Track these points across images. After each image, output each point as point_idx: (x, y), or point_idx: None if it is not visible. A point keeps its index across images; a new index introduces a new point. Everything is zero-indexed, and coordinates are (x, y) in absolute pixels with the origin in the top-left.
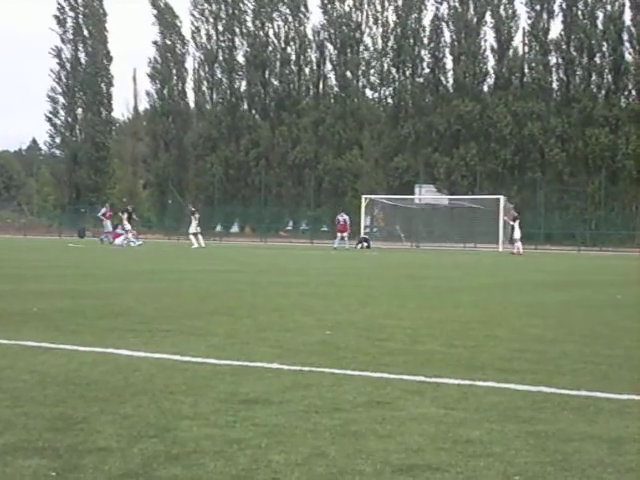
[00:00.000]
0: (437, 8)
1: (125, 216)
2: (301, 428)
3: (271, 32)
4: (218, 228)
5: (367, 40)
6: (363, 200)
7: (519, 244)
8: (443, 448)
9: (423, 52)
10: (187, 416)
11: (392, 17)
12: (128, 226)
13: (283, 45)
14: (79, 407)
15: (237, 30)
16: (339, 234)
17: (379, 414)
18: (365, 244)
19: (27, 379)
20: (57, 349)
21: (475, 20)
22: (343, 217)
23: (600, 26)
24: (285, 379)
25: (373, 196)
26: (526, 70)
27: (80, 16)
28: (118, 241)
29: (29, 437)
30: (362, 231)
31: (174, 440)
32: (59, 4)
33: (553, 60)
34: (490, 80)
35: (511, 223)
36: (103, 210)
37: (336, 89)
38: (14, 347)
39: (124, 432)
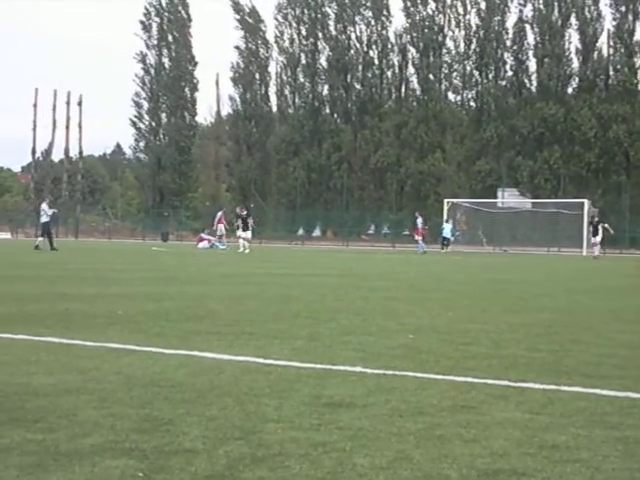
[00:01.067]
0: (521, 10)
1: (239, 222)
2: (385, 432)
3: (353, 36)
4: (300, 232)
5: (449, 43)
6: (445, 204)
7: (598, 247)
8: (529, 453)
9: (506, 55)
10: (272, 419)
11: (475, 20)
12: (249, 235)
13: (365, 49)
14: (165, 409)
15: (320, 34)
16: (418, 237)
17: (464, 418)
18: (446, 243)
19: (113, 380)
20: (142, 351)
21: (559, 22)
22: (418, 220)
23: None
24: (368, 382)
25: (455, 200)
26: (611, 72)
27: (165, 21)
28: (201, 245)
29: (116, 438)
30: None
31: (259, 442)
32: (146, 9)
33: (639, 62)
34: (574, 82)
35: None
36: (219, 215)
37: (418, 92)
38: (100, 349)
39: (210, 434)
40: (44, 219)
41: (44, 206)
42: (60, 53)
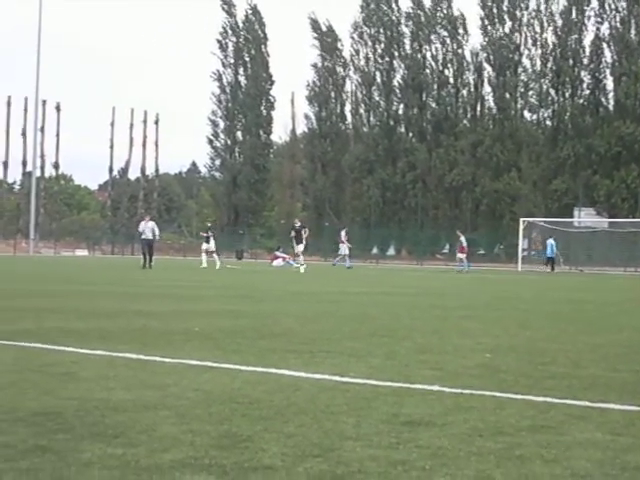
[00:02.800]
0: (598, 28)
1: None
2: (465, 451)
3: (429, 54)
4: (374, 251)
5: (526, 61)
6: (521, 223)
7: None
8: (611, 474)
9: (583, 73)
10: (350, 436)
11: (551, 38)
12: (301, 248)
13: (441, 67)
14: (243, 425)
15: (395, 52)
16: (461, 255)
17: (544, 438)
18: (550, 263)
19: (192, 397)
20: (220, 368)
21: (637, 40)
22: (462, 238)
23: None
24: (446, 401)
25: (531, 219)
26: None
27: (241, 40)
28: (275, 262)
29: (196, 454)
30: (520, 254)
31: (338, 460)
32: (222, 28)
33: None
34: None
35: None
36: (342, 234)
37: (494, 111)
38: (178, 365)
39: (288, 451)
40: (148, 236)
41: (145, 224)
42: (137, 72)
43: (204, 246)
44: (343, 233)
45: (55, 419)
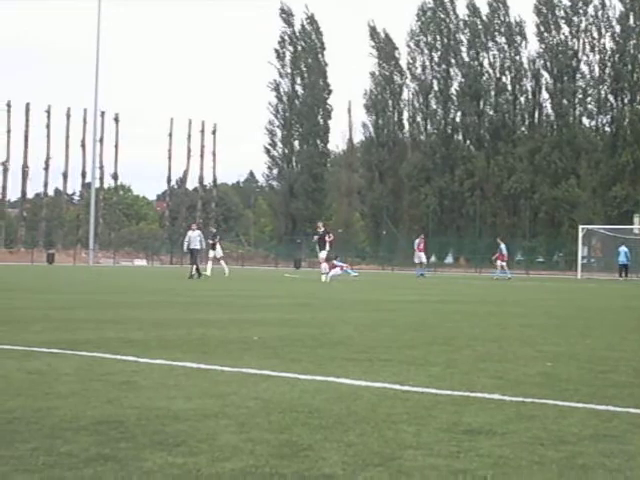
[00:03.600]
0: None
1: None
2: (527, 460)
3: (486, 62)
4: (432, 259)
5: (584, 68)
6: (580, 230)
7: None
8: None
9: None
10: (411, 445)
11: (609, 44)
12: (324, 255)
13: (498, 74)
14: (303, 434)
15: (452, 60)
16: (502, 263)
17: (606, 447)
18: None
19: (251, 406)
20: (279, 377)
21: None
22: (502, 246)
23: None
24: (507, 410)
25: (590, 226)
26: None
27: (299, 49)
28: (334, 272)
29: (256, 462)
30: (579, 262)
31: (399, 469)
32: (280, 38)
33: None
34: None
35: None
36: (417, 242)
37: (552, 118)
38: (237, 374)
39: (349, 460)
40: (195, 246)
41: (192, 233)
42: (195, 83)
43: (211, 254)
44: (417, 241)
45: (117, 428)
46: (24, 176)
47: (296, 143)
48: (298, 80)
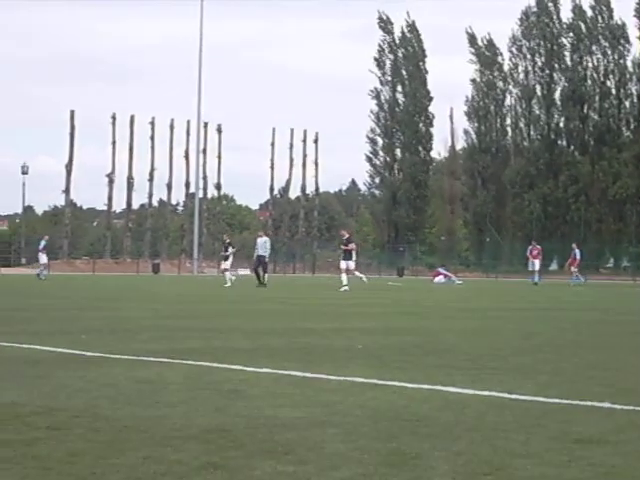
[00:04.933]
0: None
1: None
2: None
3: (590, 66)
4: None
5: None
6: None
7: None
8: None
9: None
10: (520, 454)
11: None
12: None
13: (602, 78)
14: (412, 443)
15: (555, 65)
16: (574, 269)
17: None
18: None
19: (358, 414)
20: (385, 385)
21: None
22: (576, 251)
23: None
24: (619, 419)
25: None
26: None
27: (399, 57)
28: (437, 279)
29: (365, 471)
30: None
31: (509, 478)
32: (379, 46)
33: None
34: None
35: None
36: (530, 248)
37: None
38: (343, 383)
39: (458, 469)
40: (264, 253)
41: (260, 240)
42: (296, 92)
43: (223, 265)
44: (530, 248)
45: (226, 436)
46: (129, 187)
47: (398, 151)
48: (399, 88)
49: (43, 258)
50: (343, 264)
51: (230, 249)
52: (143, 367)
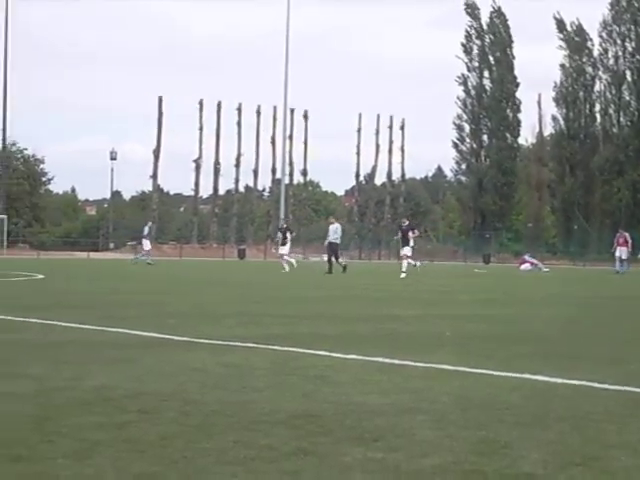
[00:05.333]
0: None
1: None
2: None
3: None
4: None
5: None
6: None
7: None
8: None
9: None
10: (613, 445)
11: None
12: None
13: None
14: (501, 431)
15: None
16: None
17: None
18: None
19: (447, 402)
20: (472, 373)
21: None
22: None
23: None
24: None
25: None
26: None
27: (486, 43)
28: (523, 267)
29: (455, 459)
30: None
31: (602, 469)
32: (466, 32)
33: None
34: None
35: None
36: (617, 235)
37: None
38: (430, 370)
39: (549, 458)
40: (336, 240)
41: (331, 227)
42: (383, 77)
43: (281, 250)
44: (617, 235)
45: (314, 422)
46: (216, 173)
47: (485, 137)
48: (486, 74)
49: (147, 244)
50: (407, 250)
51: (288, 234)
52: (230, 352)
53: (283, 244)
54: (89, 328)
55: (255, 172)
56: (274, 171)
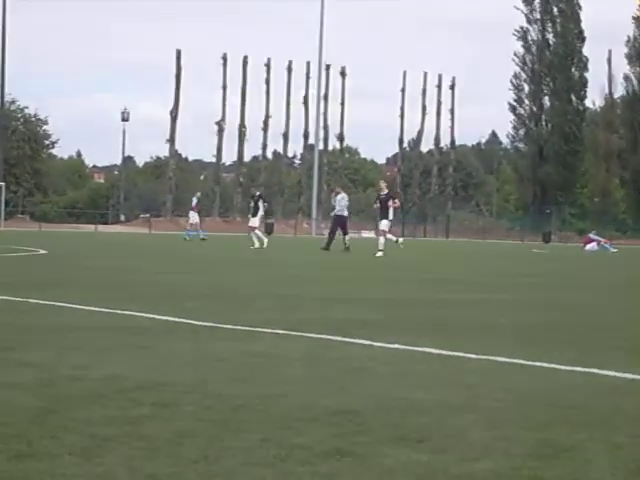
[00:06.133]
0: None
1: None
2: None
3: None
4: None
5: None
6: None
7: None
8: None
9: None
10: None
11: None
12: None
13: None
14: (564, 433)
15: None
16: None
17: None
18: None
19: (502, 399)
20: (532, 367)
21: None
22: None
23: None
24: None
25: None
26: None
27: None
28: (589, 247)
29: (511, 464)
30: None
31: None
32: None
33: None
34: None
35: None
36: None
37: None
38: (484, 362)
39: (619, 464)
40: (342, 212)
41: (335, 197)
42: (429, 31)
43: (251, 222)
44: None
45: (353, 419)
46: (240, 137)
47: (546, 99)
48: (548, 27)
49: (194, 217)
50: (385, 223)
51: (260, 204)
52: (258, 339)
53: (254, 215)
54: (98, 310)
55: (285, 136)
56: (306, 136)
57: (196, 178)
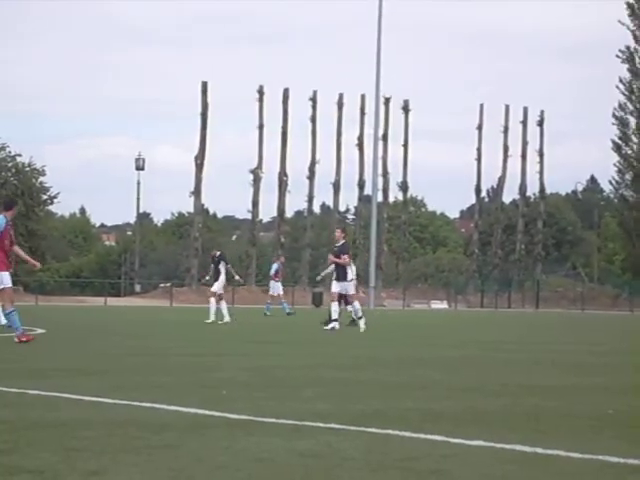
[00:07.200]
0: None
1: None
2: None
3: None
4: None
5: None
6: None
7: None
8: None
9: None
10: None
11: None
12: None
13: None
14: None
15: None
16: None
17: None
18: None
19: None
20: None
21: None
22: None
23: None
24: None
25: None
26: None
27: None
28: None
29: None
30: None
31: None
32: None
33: None
34: None
35: None
36: None
37: None
38: (590, 463)
39: None
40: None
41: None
42: (506, 58)
43: (213, 288)
44: None
45: None
46: (281, 188)
47: None
48: None
49: (276, 287)
50: (335, 286)
51: (222, 267)
52: (308, 435)
53: (216, 279)
54: (111, 402)
55: (335, 186)
56: (362, 185)
57: (227, 239)
